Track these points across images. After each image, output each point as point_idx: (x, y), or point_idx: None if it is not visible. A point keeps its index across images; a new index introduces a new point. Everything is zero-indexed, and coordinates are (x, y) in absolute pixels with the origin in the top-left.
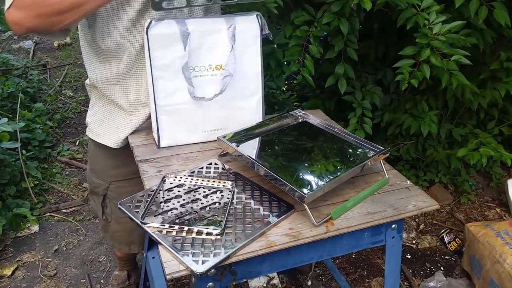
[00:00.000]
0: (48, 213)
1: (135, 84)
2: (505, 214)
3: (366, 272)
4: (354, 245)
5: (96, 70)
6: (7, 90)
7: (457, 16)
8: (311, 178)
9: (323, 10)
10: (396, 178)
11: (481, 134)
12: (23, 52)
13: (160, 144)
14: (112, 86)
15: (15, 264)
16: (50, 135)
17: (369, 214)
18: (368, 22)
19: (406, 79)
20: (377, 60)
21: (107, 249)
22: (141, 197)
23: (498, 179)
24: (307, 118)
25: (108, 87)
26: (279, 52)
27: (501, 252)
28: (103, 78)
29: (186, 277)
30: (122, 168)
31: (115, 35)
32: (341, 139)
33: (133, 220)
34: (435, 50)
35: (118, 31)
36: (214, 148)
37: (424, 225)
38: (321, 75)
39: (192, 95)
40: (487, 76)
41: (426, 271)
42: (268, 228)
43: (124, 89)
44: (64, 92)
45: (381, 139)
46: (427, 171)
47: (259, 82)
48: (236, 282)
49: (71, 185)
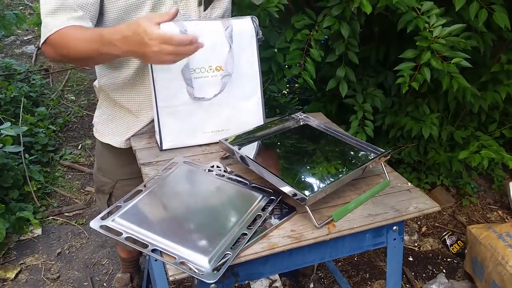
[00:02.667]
0: (51, 217)
1: (142, 88)
2: (507, 216)
3: (368, 274)
4: (355, 247)
5: (105, 76)
6: (10, 94)
7: (457, 19)
8: (313, 181)
9: (324, 13)
10: (397, 180)
11: (482, 137)
12: (25, 56)
13: (163, 146)
14: (120, 91)
15: (18, 267)
16: (52, 139)
17: (370, 216)
18: (369, 26)
19: (407, 82)
20: (378, 63)
21: (110, 252)
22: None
23: (499, 182)
24: (308, 121)
25: (116, 91)
26: (280, 56)
27: (503, 254)
28: (112, 83)
29: (188, 279)
30: (128, 167)
31: None
32: (343, 142)
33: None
34: (436, 53)
35: None
36: (216, 151)
37: (426, 228)
38: (322, 78)
39: (192, 96)
40: (487, 78)
41: (428, 274)
42: (270, 230)
43: (132, 93)
44: (66, 97)
45: (383, 142)
46: (429, 173)
47: (257, 82)
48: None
49: (74, 188)
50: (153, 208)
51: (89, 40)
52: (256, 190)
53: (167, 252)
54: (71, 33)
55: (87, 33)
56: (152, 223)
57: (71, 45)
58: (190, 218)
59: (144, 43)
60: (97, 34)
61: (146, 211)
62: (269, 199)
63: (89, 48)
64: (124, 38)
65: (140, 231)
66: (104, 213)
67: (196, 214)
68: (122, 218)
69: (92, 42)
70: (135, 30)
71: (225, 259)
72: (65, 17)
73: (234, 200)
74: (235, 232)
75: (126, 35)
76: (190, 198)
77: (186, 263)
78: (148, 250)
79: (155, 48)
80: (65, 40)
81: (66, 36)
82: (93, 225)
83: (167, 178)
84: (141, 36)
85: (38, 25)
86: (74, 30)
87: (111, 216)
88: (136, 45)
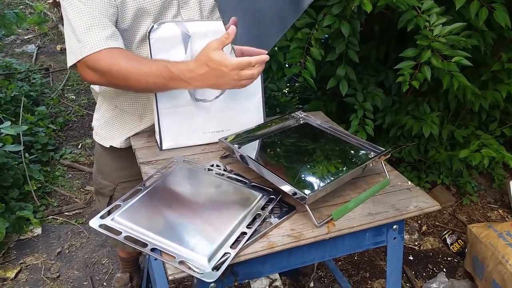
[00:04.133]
0: (51, 216)
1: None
2: (508, 215)
3: (368, 273)
4: (355, 246)
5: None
6: (10, 93)
7: (458, 17)
8: (313, 179)
9: (324, 12)
10: (397, 179)
11: (483, 136)
12: (26, 56)
13: (162, 147)
14: (122, 96)
15: (18, 267)
16: (52, 138)
17: (370, 215)
18: (369, 24)
19: (407, 81)
20: (378, 62)
21: (110, 252)
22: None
23: (500, 181)
24: (308, 120)
25: (118, 96)
26: (280, 55)
27: (503, 253)
28: (113, 89)
29: (188, 279)
30: (129, 169)
31: (128, 49)
32: (343, 141)
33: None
34: (436, 52)
35: (132, 46)
36: (216, 150)
37: (427, 227)
38: (322, 77)
39: (193, 97)
40: (488, 77)
41: (429, 273)
42: (270, 229)
43: (134, 97)
44: (66, 96)
45: (383, 141)
46: (429, 172)
47: (258, 82)
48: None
49: (74, 188)
50: (153, 207)
51: (154, 75)
52: (256, 189)
53: (167, 251)
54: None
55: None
56: (152, 222)
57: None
58: (190, 217)
59: (224, 74)
60: (164, 68)
61: (146, 210)
62: (268, 198)
63: (156, 82)
64: (201, 76)
65: (140, 230)
66: (104, 212)
67: (196, 213)
68: (121, 217)
69: (160, 77)
70: (210, 65)
71: (224, 258)
72: (100, 37)
73: (233, 199)
74: (234, 231)
75: (202, 72)
76: (189, 197)
77: (186, 262)
78: (148, 249)
79: (236, 77)
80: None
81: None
82: (92, 224)
83: (167, 177)
84: (220, 70)
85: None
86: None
87: (111, 215)
88: (216, 79)
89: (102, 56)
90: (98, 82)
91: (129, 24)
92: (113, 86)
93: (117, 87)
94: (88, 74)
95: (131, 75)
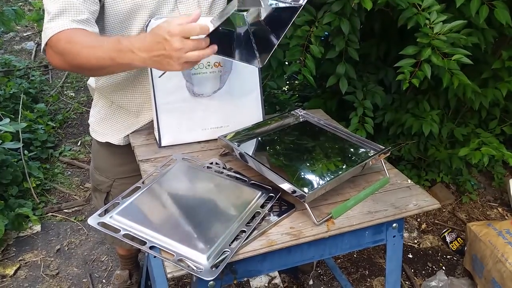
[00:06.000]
0: (50, 213)
1: (141, 88)
2: (507, 213)
3: (367, 271)
4: (355, 244)
5: (102, 77)
6: (9, 91)
7: (458, 15)
8: (312, 177)
9: (324, 10)
10: (397, 178)
11: (482, 134)
12: (25, 53)
13: (161, 143)
14: (118, 92)
15: (17, 264)
16: (52, 135)
17: (370, 213)
18: (369, 22)
19: (407, 79)
20: (378, 60)
21: (109, 249)
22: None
23: (500, 179)
24: (308, 118)
25: (115, 92)
26: (280, 52)
27: (503, 252)
28: (111, 85)
29: (187, 276)
30: (126, 165)
31: None
32: (342, 139)
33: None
34: (436, 50)
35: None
36: (215, 147)
37: (426, 225)
38: (322, 75)
39: (191, 92)
40: (488, 75)
41: (428, 271)
42: (269, 227)
43: (131, 93)
44: (66, 93)
45: (383, 139)
46: (429, 170)
47: (256, 79)
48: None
49: (73, 185)
50: (152, 205)
51: (105, 48)
52: (255, 187)
53: (166, 249)
54: (79, 39)
55: (101, 40)
56: (151, 220)
57: (81, 51)
58: (189, 215)
59: (164, 40)
60: (115, 41)
61: (144, 208)
62: (268, 196)
63: (104, 56)
64: (147, 46)
65: (138, 228)
66: (102, 210)
67: (195, 211)
68: (120, 215)
69: (108, 50)
70: (155, 31)
71: (223, 256)
72: (68, 19)
73: (232, 197)
74: (233, 229)
75: (148, 40)
76: (188, 195)
77: (185, 260)
78: (146, 247)
79: (177, 44)
80: (72, 46)
81: (72, 40)
82: (91, 222)
83: (166, 175)
84: (161, 35)
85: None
86: (82, 36)
87: (109, 213)
88: (156, 46)
89: (63, 36)
90: (61, 65)
91: (124, 18)
92: (74, 70)
93: (78, 70)
94: (52, 56)
95: (82, 51)
